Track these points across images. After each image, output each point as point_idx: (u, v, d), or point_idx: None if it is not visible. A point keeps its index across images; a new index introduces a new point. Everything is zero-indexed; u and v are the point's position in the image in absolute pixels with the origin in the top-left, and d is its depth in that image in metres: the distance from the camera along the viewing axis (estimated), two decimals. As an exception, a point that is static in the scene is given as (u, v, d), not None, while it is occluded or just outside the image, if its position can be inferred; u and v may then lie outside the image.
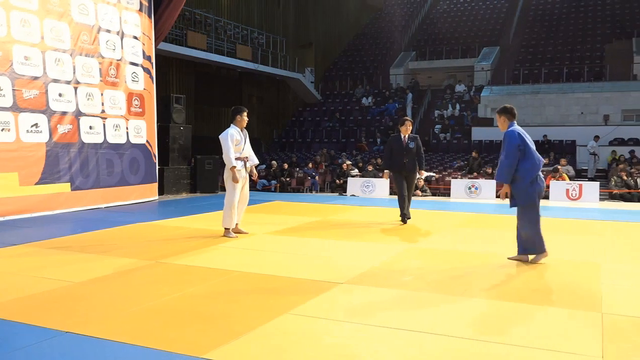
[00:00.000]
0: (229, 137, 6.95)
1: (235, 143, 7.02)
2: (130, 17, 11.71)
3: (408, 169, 8.49)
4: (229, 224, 7.16)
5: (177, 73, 21.17)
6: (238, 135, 7.07)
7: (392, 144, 8.63)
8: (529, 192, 5.50)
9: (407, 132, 8.57)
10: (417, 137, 8.67)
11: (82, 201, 10.40)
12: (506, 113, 5.70)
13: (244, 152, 7.19)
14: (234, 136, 7.00)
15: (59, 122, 9.97)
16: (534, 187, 5.52)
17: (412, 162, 8.48)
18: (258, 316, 3.86)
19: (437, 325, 3.70)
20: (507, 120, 5.69)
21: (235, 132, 7.05)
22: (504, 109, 5.74)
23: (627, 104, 20.71)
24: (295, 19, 27.76)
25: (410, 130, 8.65)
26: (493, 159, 19.14)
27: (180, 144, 13.69)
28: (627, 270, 5.46)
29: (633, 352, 3.24)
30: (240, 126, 7.14)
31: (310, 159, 19.80)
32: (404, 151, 8.46)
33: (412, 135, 8.64)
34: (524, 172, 5.46)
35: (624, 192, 14.29)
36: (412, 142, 8.50)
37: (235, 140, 7.00)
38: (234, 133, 7.02)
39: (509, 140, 5.49)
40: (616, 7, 28.08)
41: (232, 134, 6.99)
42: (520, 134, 5.51)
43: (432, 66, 27.72)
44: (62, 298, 4.38)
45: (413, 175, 8.65)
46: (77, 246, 6.58)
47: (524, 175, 5.47)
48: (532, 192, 5.51)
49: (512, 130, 5.57)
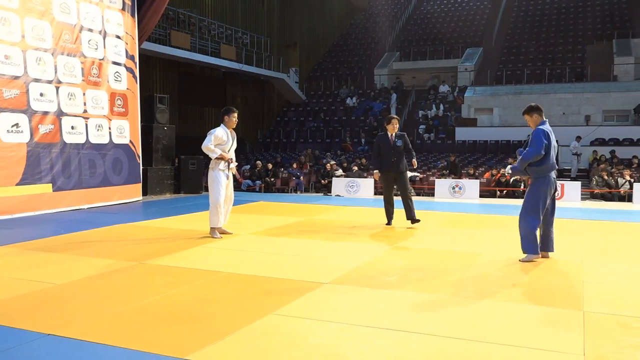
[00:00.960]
0: (212, 134, 6.98)
1: (220, 142, 7.01)
2: (112, 16, 11.61)
3: (397, 168, 8.31)
4: (215, 223, 7.13)
5: (161, 73, 21.04)
6: (225, 135, 7.05)
7: (380, 143, 8.47)
8: (536, 191, 5.69)
9: (394, 131, 8.41)
10: (404, 135, 8.53)
11: (64, 202, 10.29)
12: (538, 111, 5.81)
13: (229, 153, 7.16)
14: (219, 135, 7.00)
15: (40, 122, 9.85)
16: (546, 186, 5.68)
17: (400, 161, 8.33)
18: (242, 317, 3.85)
19: (421, 324, 3.72)
20: (539, 117, 5.81)
21: (222, 132, 7.04)
22: (535, 107, 5.83)
23: (608, 104, 21.00)
24: (280, 19, 27.74)
25: (397, 128, 8.48)
26: (476, 159, 19.33)
27: (164, 144, 13.60)
28: (609, 269, 5.53)
29: (614, 349, 3.29)
30: (228, 126, 7.12)
31: (295, 159, 19.79)
32: (392, 150, 8.30)
33: (399, 133, 8.47)
34: (541, 171, 5.66)
35: (605, 191, 14.48)
36: (399, 140, 8.35)
37: (219, 140, 7.00)
38: (219, 132, 7.02)
39: (537, 138, 5.61)
40: (597, 9, 28.47)
41: (217, 132, 7.00)
42: (547, 134, 5.65)
43: (416, 67, 27.87)
44: (44, 300, 4.33)
45: (403, 176, 8.43)
46: (59, 247, 6.50)
47: (541, 173, 5.67)
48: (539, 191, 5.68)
49: (543, 128, 5.69)
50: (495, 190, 14.95)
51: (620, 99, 20.82)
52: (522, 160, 5.71)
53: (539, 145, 5.58)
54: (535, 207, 5.70)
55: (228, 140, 7.09)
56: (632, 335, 3.53)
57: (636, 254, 6.43)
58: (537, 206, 5.69)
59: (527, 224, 5.72)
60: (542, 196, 5.70)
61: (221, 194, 7.06)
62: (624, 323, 3.75)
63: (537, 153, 5.59)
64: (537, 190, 5.71)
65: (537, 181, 5.72)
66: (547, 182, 5.70)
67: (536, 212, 5.70)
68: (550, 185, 5.73)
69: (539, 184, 5.71)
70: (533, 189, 5.75)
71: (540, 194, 5.69)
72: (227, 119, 7.10)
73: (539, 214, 5.71)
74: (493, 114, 22.40)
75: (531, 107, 5.85)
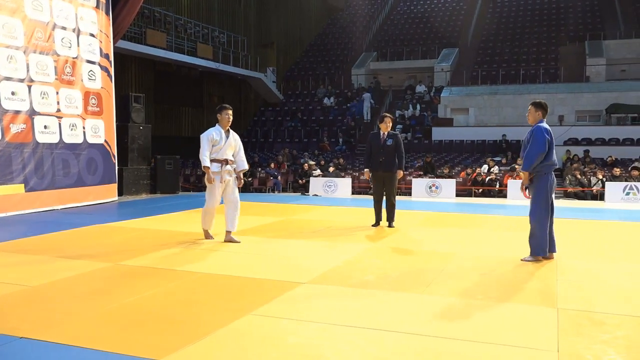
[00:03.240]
0: (205, 136, 6.61)
1: (213, 143, 6.64)
2: (86, 14, 11.44)
3: (384, 168, 8.16)
4: (205, 225, 6.99)
5: (136, 72, 20.78)
6: (217, 135, 6.67)
7: (371, 141, 8.33)
8: (543, 187, 5.72)
9: (386, 130, 8.22)
10: (396, 134, 8.38)
11: (37, 202, 10.11)
12: (542, 109, 5.85)
13: (222, 153, 6.71)
14: (213, 136, 6.63)
15: (11, 122, 9.66)
16: (549, 182, 5.74)
17: (389, 161, 8.15)
18: (220, 317, 3.83)
19: (398, 323, 3.74)
20: (542, 115, 5.84)
21: (215, 132, 6.67)
22: (541, 104, 5.86)
23: (580, 105, 21.39)
24: (257, 18, 27.62)
25: (390, 127, 8.28)
26: (452, 158, 19.51)
27: (140, 144, 13.46)
28: (582, 266, 5.63)
29: (587, 345, 3.35)
30: (223, 125, 6.73)
31: (273, 158, 19.75)
32: (381, 149, 8.17)
33: (391, 132, 8.28)
34: (544, 169, 5.71)
35: (578, 190, 14.73)
36: (390, 140, 8.18)
37: (212, 140, 6.62)
38: (212, 133, 6.64)
39: (539, 135, 5.65)
40: (569, 12, 28.98)
41: (210, 134, 6.64)
42: (548, 131, 5.70)
43: (393, 67, 28.03)
44: (17, 302, 4.24)
45: (392, 176, 8.23)
46: (33, 249, 6.39)
47: (544, 170, 5.72)
48: (546, 187, 5.73)
49: (542, 125, 5.74)
50: (472, 190, 15.12)
51: (593, 99, 21.22)
52: (528, 158, 5.69)
53: (542, 142, 5.62)
54: (545, 203, 5.73)
55: (221, 140, 6.68)
56: (605, 331, 3.60)
57: (608, 251, 6.56)
58: (547, 203, 5.73)
59: (540, 225, 5.71)
60: (549, 192, 5.74)
61: (214, 198, 6.75)
62: (596, 320, 3.82)
63: (541, 149, 5.62)
64: (545, 187, 5.72)
65: (541, 178, 5.73)
66: (550, 179, 5.75)
67: (546, 209, 5.74)
68: (553, 182, 5.79)
69: (544, 181, 5.73)
70: (539, 187, 5.74)
71: (548, 190, 5.73)
72: (220, 118, 6.74)
73: (549, 210, 5.75)
74: (469, 114, 22.66)
75: (540, 104, 5.88)
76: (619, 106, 20.40)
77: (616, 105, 20.46)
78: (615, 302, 4.29)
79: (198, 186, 16.71)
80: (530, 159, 5.68)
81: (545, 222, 5.73)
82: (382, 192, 8.32)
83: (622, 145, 19.17)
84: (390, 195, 8.26)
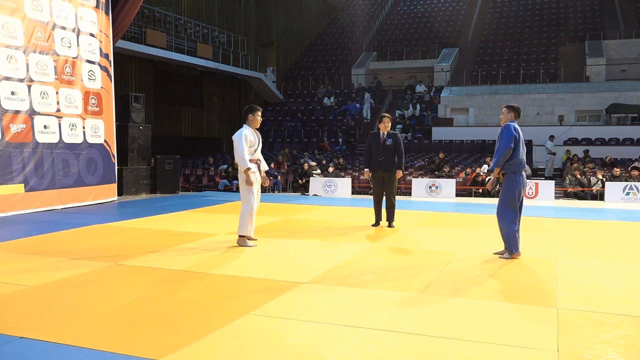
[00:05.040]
0: (242, 137, 6.39)
1: (250, 144, 6.47)
2: (86, 14, 11.44)
3: (384, 168, 8.15)
4: (245, 230, 6.59)
5: (136, 71, 20.79)
6: (252, 136, 6.53)
7: (371, 141, 8.32)
8: (511, 187, 5.85)
9: (386, 129, 8.20)
10: (396, 134, 8.34)
11: (37, 202, 10.10)
12: (515, 111, 6.03)
13: (256, 154, 6.64)
14: (248, 137, 6.47)
15: (11, 121, 9.66)
16: (518, 183, 5.85)
17: (389, 161, 8.13)
18: (219, 317, 3.82)
19: (398, 323, 3.74)
20: (514, 117, 6.01)
21: (249, 133, 6.51)
22: (514, 107, 6.07)
23: (580, 104, 21.40)
24: (257, 18, 27.62)
25: (389, 127, 8.25)
26: (452, 158, 19.51)
27: (140, 144, 13.45)
28: (582, 266, 5.63)
29: (587, 345, 3.35)
30: (253, 126, 6.57)
31: (273, 158, 19.74)
32: (381, 149, 8.15)
33: (391, 132, 8.26)
34: (512, 167, 5.84)
35: (578, 190, 14.73)
36: (389, 139, 8.17)
37: (249, 142, 6.47)
38: (247, 134, 6.46)
39: (507, 132, 5.82)
40: (570, 12, 28.98)
41: (246, 135, 6.43)
42: (517, 129, 5.87)
43: (393, 67, 28.04)
44: (16, 302, 4.24)
45: (392, 176, 8.20)
46: (32, 249, 6.39)
47: (512, 169, 5.85)
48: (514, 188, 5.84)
49: (511, 124, 5.90)
50: (472, 189, 15.12)
51: (592, 99, 21.23)
52: (497, 156, 5.87)
53: (509, 137, 5.77)
54: (512, 202, 5.85)
55: (256, 142, 6.58)
56: (604, 331, 3.60)
57: (608, 251, 6.55)
58: (513, 202, 5.85)
59: (507, 223, 5.87)
60: (517, 192, 5.85)
61: (254, 199, 6.57)
62: (596, 319, 3.82)
63: (508, 144, 5.76)
64: (512, 187, 5.86)
65: (510, 178, 5.87)
66: (519, 178, 5.86)
67: (513, 207, 5.86)
68: (522, 182, 5.89)
69: (512, 181, 5.86)
70: (507, 186, 5.89)
71: (515, 190, 5.85)
72: (252, 118, 6.57)
73: (517, 209, 5.87)
74: (469, 113, 22.66)
75: (513, 107, 6.08)
76: (619, 106, 20.41)
77: (616, 105, 20.47)
78: (615, 302, 4.28)
79: (198, 186, 16.73)
80: (498, 155, 5.85)
81: (510, 220, 5.84)
82: (381, 192, 8.31)
83: (622, 145, 19.18)
84: (390, 195, 8.26)
